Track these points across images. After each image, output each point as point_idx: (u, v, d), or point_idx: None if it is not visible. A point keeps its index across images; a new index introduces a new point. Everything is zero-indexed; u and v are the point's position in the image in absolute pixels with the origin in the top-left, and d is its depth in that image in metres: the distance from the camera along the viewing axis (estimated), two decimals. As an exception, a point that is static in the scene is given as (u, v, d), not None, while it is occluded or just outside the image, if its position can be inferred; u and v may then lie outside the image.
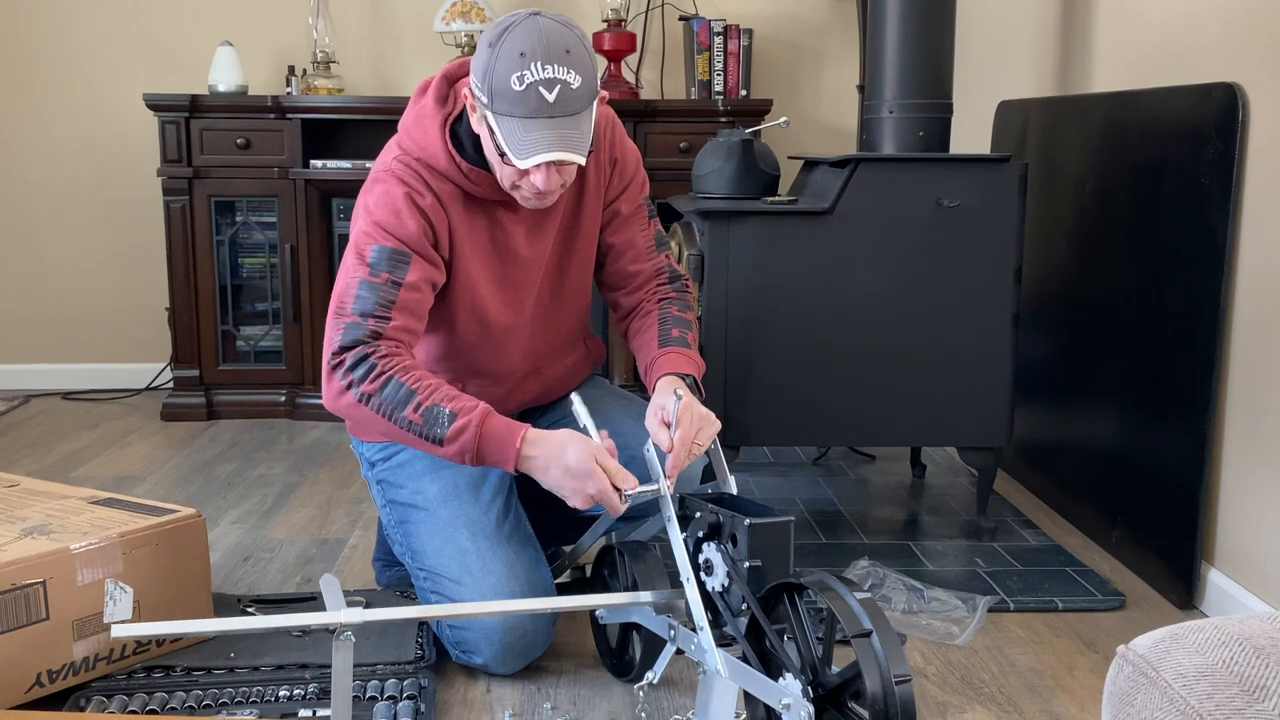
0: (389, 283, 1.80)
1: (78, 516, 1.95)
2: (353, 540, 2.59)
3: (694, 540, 1.70)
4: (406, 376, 1.77)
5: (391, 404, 1.76)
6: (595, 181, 2.00)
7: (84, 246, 4.06)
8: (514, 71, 1.67)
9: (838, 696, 1.46)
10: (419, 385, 1.77)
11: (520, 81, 1.67)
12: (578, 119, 1.71)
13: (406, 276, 1.81)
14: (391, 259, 1.81)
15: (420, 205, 1.85)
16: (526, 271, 1.97)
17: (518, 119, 1.69)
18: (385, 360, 1.78)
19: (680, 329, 2.00)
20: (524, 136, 1.69)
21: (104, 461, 3.20)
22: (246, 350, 3.75)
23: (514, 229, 1.93)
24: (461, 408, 1.76)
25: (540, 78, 1.67)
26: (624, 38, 3.78)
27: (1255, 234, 2.11)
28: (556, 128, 1.69)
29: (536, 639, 1.91)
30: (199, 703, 1.78)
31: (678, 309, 2.04)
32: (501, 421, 1.77)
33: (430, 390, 1.77)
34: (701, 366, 1.98)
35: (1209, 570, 2.24)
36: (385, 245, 1.82)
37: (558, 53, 1.68)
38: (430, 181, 1.86)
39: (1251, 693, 0.91)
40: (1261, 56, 2.09)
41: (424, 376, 1.79)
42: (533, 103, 1.68)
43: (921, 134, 2.53)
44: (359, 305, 1.80)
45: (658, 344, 1.97)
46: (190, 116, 3.54)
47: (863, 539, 2.58)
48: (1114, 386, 2.56)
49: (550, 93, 1.67)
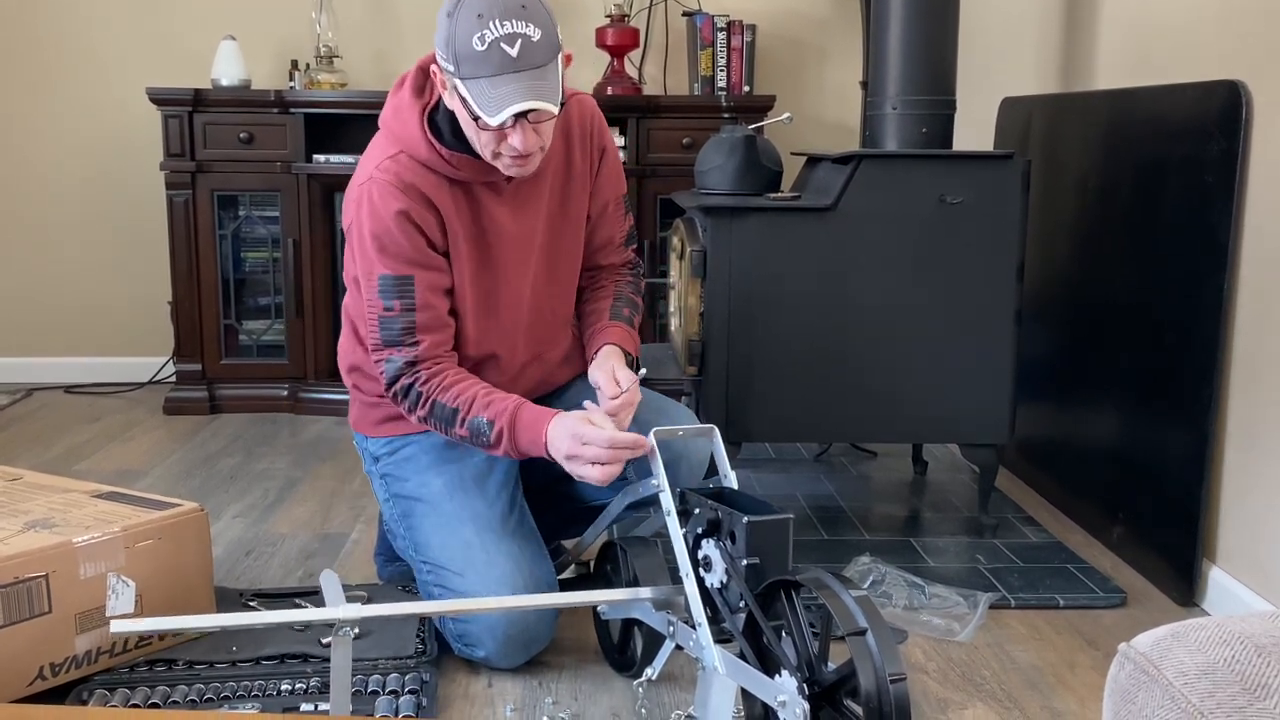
0: (403, 311, 1.88)
1: (80, 510, 1.95)
2: (354, 535, 2.59)
3: (693, 536, 1.70)
4: (446, 395, 1.88)
5: (443, 422, 1.89)
6: (583, 167, 2.03)
7: (87, 240, 4.06)
8: (475, 33, 1.70)
9: (833, 694, 1.46)
10: (459, 401, 1.87)
11: (482, 41, 1.70)
12: (543, 70, 1.74)
13: (415, 300, 1.88)
14: (397, 286, 1.87)
15: (408, 216, 1.87)
16: (516, 250, 1.98)
17: (485, 78, 1.72)
18: (427, 385, 1.88)
19: (630, 310, 2.12)
20: (493, 93, 1.72)
21: (106, 455, 3.21)
22: (249, 344, 3.75)
23: (499, 209, 1.95)
24: (496, 414, 1.84)
25: (501, 34, 1.70)
26: (627, 33, 3.78)
27: (1257, 231, 2.11)
28: (524, 79, 1.72)
29: (539, 633, 1.92)
30: (201, 696, 1.78)
31: (630, 291, 2.16)
32: (528, 419, 1.83)
33: (469, 403, 1.86)
34: (636, 348, 2.10)
35: (1210, 567, 2.24)
36: (386, 274, 1.87)
37: (514, 9, 1.71)
38: (413, 177, 1.88)
39: (1253, 691, 0.91)
40: (1265, 54, 2.09)
41: (463, 390, 1.87)
42: (496, 59, 1.71)
43: (924, 131, 2.52)
44: (386, 337, 1.90)
45: (608, 316, 2.09)
46: (193, 110, 3.54)
47: (864, 535, 2.58)
48: (1116, 383, 2.56)
49: (512, 47, 1.70)
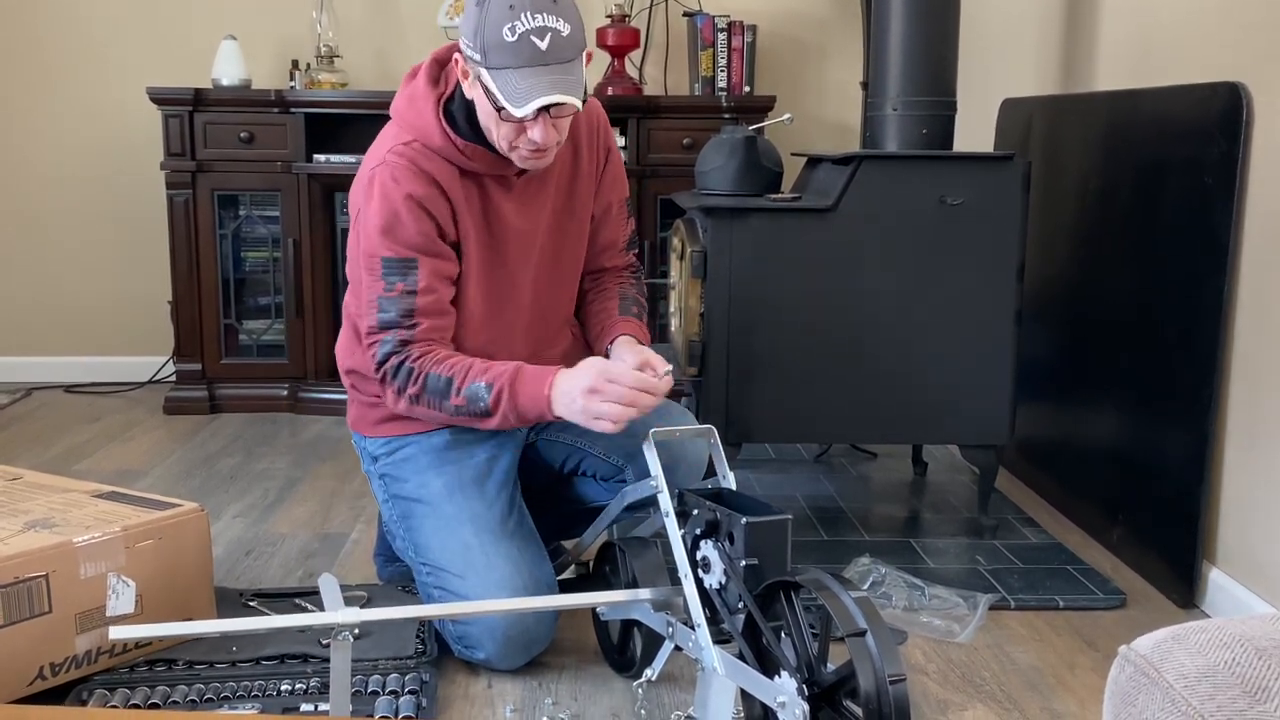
0: (404, 293, 1.88)
1: (80, 510, 1.95)
2: (354, 535, 2.59)
3: (692, 537, 1.70)
4: (440, 367, 1.86)
5: (436, 395, 1.86)
6: (589, 168, 2.04)
7: (87, 239, 4.06)
8: (505, 23, 1.71)
9: (833, 695, 1.46)
10: (454, 370, 1.86)
11: (512, 32, 1.71)
12: (570, 65, 1.75)
13: (418, 283, 1.88)
14: (401, 269, 1.87)
15: (419, 200, 1.87)
16: (520, 244, 1.99)
17: (513, 69, 1.73)
18: (420, 361, 1.87)
19: (638, 308, 2.13)
20: (520, 84, 1.73)
21: (106, 455, 3.21)
22: (249, 344, 3.75)
23: (506, 204, 1.96)
24: (494, 375, 1.83)
25: (531, 26, 1.71)
26: (628, 33, 3.78)
27: (1258, 233, 2.11)
28: (552, 73, 1.73)
29: (539, 634, 1.92)
30: (201, 697, 1.78)
31: (635, 291, 2.17)
32: (532, 374, 1.83)
33: (465, 370, 1.85)
34: (648, 342, 2.07)
35: (1210, 569, 2.24)
36: (390, 256, 1.87)
37: (545, 2, 1.72)
38: (427, 164, 1.89)
39: (1253, 694, 0.91)
40: (1266, 56, 2.09)
41: (457, 361, 1.87)
42: (526, 51, 1.71)
43: (925, 132, 2.52)
44: (383, 319, 1.89)
45: (618, 312, 2.09)
46: (194, 110, 3.54)
47: (864, 536, 2.58)
48: (1116, 385, 2.56)
49: (542, 41, 1.71)
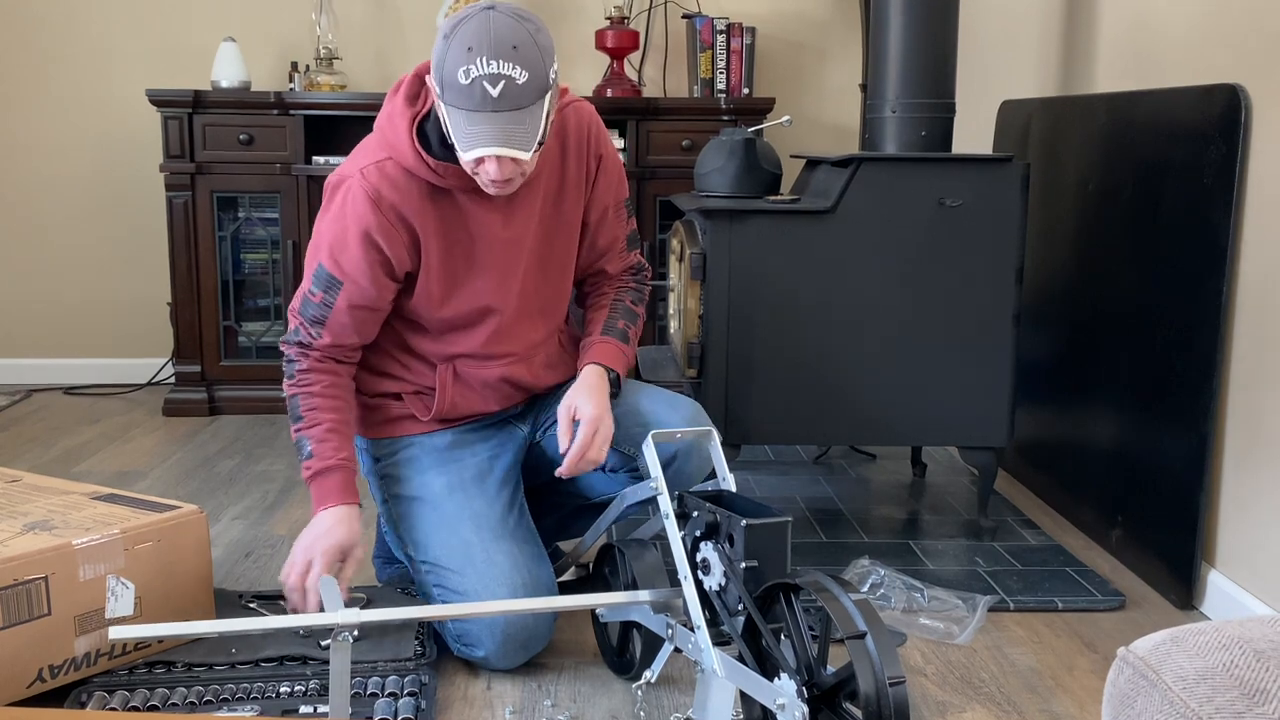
0: (322, 303, 1.94)
1: (80, 512, 1.95)
2: (353, 537, 2.59)
3: (692, 539, 1.70)
4: (306, 401, 1.95)
5: (290, 413, 1.97)
6: (577, 175, 2.04)
7: (86, 241, 4.06)
8: (461, 65, 1.71)
9: (832, 697, 1.46)
10: (307, 413, 1.94)
11: (466, 75, 1.71)
12: (522, 114, 1.73)
13: (336, 302, 1.94)
14: (328, 282, 1.93)
15: (372, 234, 1.89)
16: (507, 254, 1.99)
17: (463, 111, 1.73)
18: (302, 376, 1.96)
19: (626, 321, 2.12)
20: (468, 129, 1.74)
21: (105, 457, 3.21)
22: (248, 346, 3.75)
23: (488, 216, 1.96)
24: (316, 452, 1.92)
25: (485, 73, 1.70)
26: (627, 35, 3.78)
27: (1257, 235, 2.11)
28: (499, 122, 1.72)
29: (538, 633, 1.92)
30: (200, 699, 1.78)
31: (631, 300, 2.16)
32: (329, 487, 1.91)
33: (311, 424, 1.93)
34: (630, 363, 2.09)
35: (1209, 571, 2.24)
36: (325, 268, 1.93)
37: (504, 49, 1.71)
38: (395, 188, 1.89)
39: (1252, 696, 0.91)
40: (1264, 58, 2.09)
41: (319, 405, 1.95)
42: (476, 97, 1.71)
43: (924, 133, 2.52)
44: (301, 310, 1.96)
45: (601, 330, 2.09)
46: (193, 112, 3.54)
47: (863, 538, 2.58)
48: (1115, 386, 2.56)
49: (494, 88, 1.70)
